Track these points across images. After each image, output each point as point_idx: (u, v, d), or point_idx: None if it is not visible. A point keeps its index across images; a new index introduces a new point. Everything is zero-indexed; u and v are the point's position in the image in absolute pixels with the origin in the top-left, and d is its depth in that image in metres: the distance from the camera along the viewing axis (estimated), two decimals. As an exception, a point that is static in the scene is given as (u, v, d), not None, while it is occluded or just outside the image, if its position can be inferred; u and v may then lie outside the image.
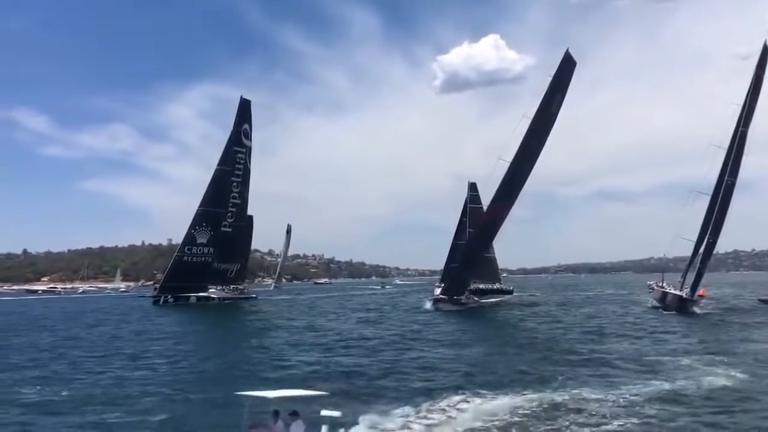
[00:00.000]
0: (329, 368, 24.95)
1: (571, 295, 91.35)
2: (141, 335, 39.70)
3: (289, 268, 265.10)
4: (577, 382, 20.47)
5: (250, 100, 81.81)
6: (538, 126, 54.94)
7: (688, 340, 32.73)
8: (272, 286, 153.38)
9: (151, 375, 23.81)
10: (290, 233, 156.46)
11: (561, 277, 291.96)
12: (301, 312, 60.57)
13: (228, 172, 78.11)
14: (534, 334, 37.75)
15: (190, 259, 75.73)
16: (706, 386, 19.76)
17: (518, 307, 63.73)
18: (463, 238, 78.81)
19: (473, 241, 58.26)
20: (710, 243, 52.48)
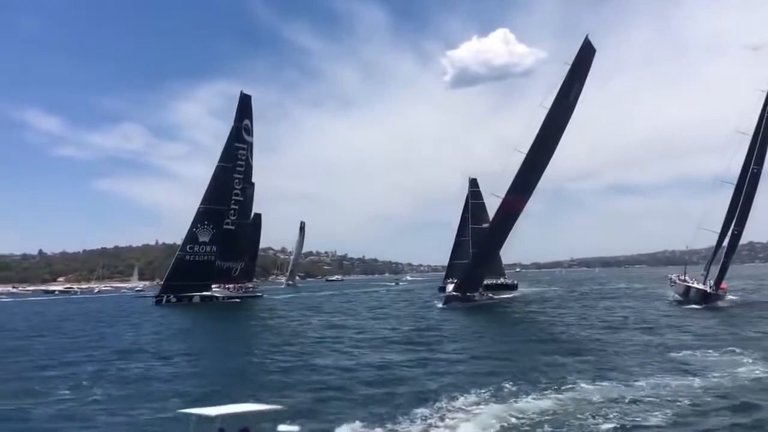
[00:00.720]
0: (308, 374, 21.86)
1: (587, 289, 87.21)
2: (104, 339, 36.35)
3: (303, 266, 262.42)
4: (605, 378, 19.22)
5: (250, 96, 79.10)
6: (555, 116, 51.29)
7: (715, 335, 30.14)
8: (285, 283, 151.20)
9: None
10: (304, 231, 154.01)
11: (574, 272, 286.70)
12: (305, 311, 57.10)
13: (229, 168, 75.21)
14: (554, 330, 35.17)
15: (193, 258, 72.84)
16: (739, 380, 18.74)
17: (534, 303, 60.22)
18: (466, 234, 79.18)
19: (489, 236, 54.30)
20: (735, 234, 48.78)
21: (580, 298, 65.52)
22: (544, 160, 53.12)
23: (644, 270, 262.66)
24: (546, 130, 51.36)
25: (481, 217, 77.15)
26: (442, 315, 47.13)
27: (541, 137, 51.43)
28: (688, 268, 56.44)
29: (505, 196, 52.30)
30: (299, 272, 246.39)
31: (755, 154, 48.30)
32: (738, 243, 49.58)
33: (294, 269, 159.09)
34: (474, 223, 78.00)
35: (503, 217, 52.58)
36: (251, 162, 78.13)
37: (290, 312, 55.72)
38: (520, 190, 52.44)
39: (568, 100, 51.79)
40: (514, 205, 52.62)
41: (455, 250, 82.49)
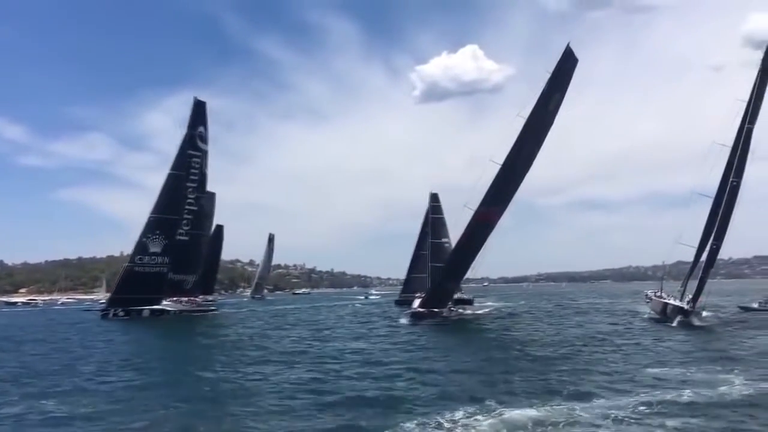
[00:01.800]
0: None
1: (557, 304, 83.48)
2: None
3: (271, 279, 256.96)
4: (585, 395, 18.36)
5: (204, 102, 74.02)
6: (533, 126, 47.32)
7: (694, 352, 28.57)
8: (250, 296, 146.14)
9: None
10: (272, 242, 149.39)
11: (541, 286, 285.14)
12: (257, 326, 52.39)
13: (182, 177, 70.11)
14: (530, 347, 32.30)
15: (142, 270, 67.24)
16: (720, 395, 18.26)
17: (506, 318, 56.10)
18: (425, 248, 79.49)
19: (459, 249, 49.52)
20: (714, 249, 45.15)
21: (552, 314, 61.68)
22: (521, 171, 49.13)
23: (609, 285, 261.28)
24: (523, 140, 47.37)
25: (441, 231, 78.96)
26: (408, 333, 42.27)
27: (519, 147, 47.43)
28: (648, 283, 53.45)
29: (478, 207, 48.11)
30: (267, 285, 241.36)
31: (735, 167, 44.94)
32: (716, 258, 45.89)
33: (261, 282, 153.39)
34: (434, 237, 78.75)
35: (475, 230, 48.18)
36: (206, 171, 73.25)
37: (240, 329, 50.67)
38: (494, 201, 48.22)
39: (547, 109, 47.84)
40: (488, 217, 48.31)
41: (413, 264, 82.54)
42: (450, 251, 73.62)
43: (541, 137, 49.01)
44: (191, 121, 72.01)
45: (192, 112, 72.57)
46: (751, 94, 45.51)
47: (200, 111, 73.25)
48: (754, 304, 60.04)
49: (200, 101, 73.49)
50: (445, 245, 77.89)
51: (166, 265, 68.15)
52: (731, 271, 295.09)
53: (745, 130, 45.09)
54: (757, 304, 59.17)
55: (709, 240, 46.13)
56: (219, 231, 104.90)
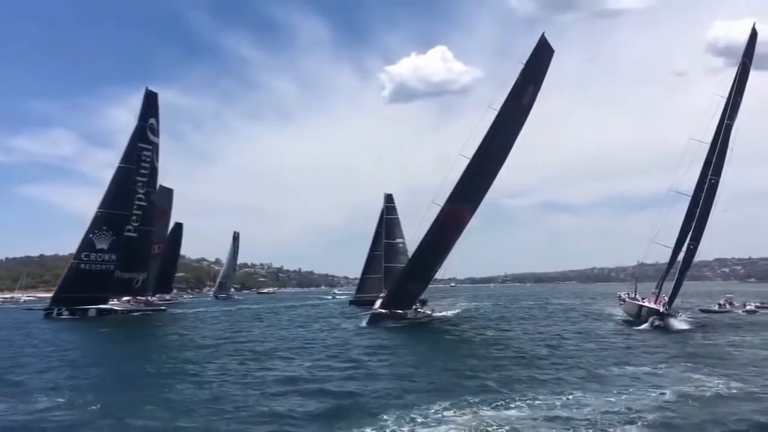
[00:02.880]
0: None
1: (528, 305, 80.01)
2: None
3: (238, 278, 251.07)
4: (567, 399, 17.38)
5: (156, 93, 69.16)
6: (506, 119, 43.67)
7: (676, 356, 26.72)
8: (213, 296, 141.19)
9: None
10: (238, 241, 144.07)
11: (508, 287, 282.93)
12: (207, 328, 47.91)
13: (131, 170, 65.37)
14: (500, 350, 29.85)
15: (89, 267, 62.39)
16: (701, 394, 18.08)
17: (474, 320, 52.28)
18: (379, 249, 79.52)
19: (425, 248, 45.15)
20: (691, 249, 42.16)
21: (524, 316, 58.08)
22: (492, 168, 45.48)
23: (574, 286, 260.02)
24: (494, 134, 43.62)
25: (395, 232, 79.91)
26: (364, 337, 38.04)
27: (489, 142, 43.66)
28: (615, 284, 50.52)
29: (444, 204, 44.19)
30: (234, 284, 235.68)
31: (713, 164, 41.85)
32: (693, 258, 42.78)
33: (226, 281, 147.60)
34: (388, 238, 79.38)
35: (441, 228, 44.22)
36: (157, 165, 68.56)
37: (186, 330, 46.36)
38: (463, 198, 44.38)
39: (520, 103, 44.24)
40: (454, 215, 44.44)
41: (368, 265, 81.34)
42: (404, 251, 77.08)
43: (513, 132, 45.45)
44: (142, 112, 67.37)
45: (143, 103, 67.92)
46: (731, 89, 42.81)
47: (152, 102, 68.56)
48: (713, 306, 61.80)
49: (152, 92, 68.80)
50: (399, 246, 79.18)
51: (113, 263, 63.52)
52: (692, 273, 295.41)
53: (724, 127, 42.26)
54: (717, 306, 61.47)
55: (685, 240, 43.11)
56: (178, 229, 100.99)
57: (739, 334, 36.93)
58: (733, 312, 58.88)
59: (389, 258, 77.87)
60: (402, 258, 73.98)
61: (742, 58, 42.99)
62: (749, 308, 59.84)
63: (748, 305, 60.94)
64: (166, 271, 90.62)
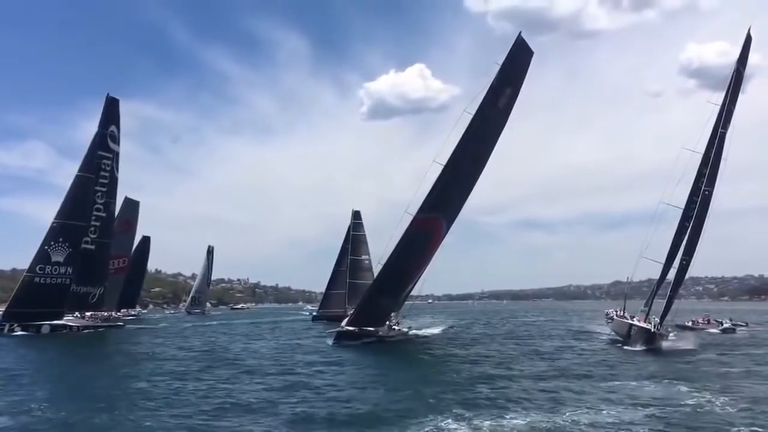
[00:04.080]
0: None
1: (509, 323, 76.62)
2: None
3: (214, 293, 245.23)
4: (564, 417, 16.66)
5: (118, 99, 64.81)
6: (482, 123, 40.26)
7: (670, 377, 24.73)
8: (185, 311, 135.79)
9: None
10: (212, 254, 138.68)
11: (485, 303, 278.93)
12: (156, 345, 43.38)
13: (90, 179, 60.71)
14: (480, 371, 27.28)
15: (43, 281, 57.51)
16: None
17: (455, 339, 47.93)
18: (344, 265, 78.99)
19: (396, 258, 40.98)
20: (684, 264, 38.78)
21: (506, 335, 53.73)
22: (470, 175, 41.94)
23: (552, 303, 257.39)
24: (471, 138, 40.11)
25: (360, 249, 79.69)
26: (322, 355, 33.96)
27: (463, 148, 40.14)
28: (586, 302, 47.11)
29: (416, 214, 40.37)
30: (211, 300, 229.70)
31: (707, 175, 38.58)
32: (686, 274, 39.34)
33: (199, 296, 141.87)
34: (353, 254, 79.12)
35: (412, 239, 40.32)
36: (117, 175, 64.24)
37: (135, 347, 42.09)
38: (437, 207, 40.65)
39: (497, 107, 40.83)
40: (427, 225, 40.70)
41: (332, 280, 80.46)
42: (369, 268, 76.12)
43: (491, 138, 41.97)
44: (102, 119, 62.88)
45: (104, 109, 63.40)
46: (725, 96, 39.94)
47: (113, 109, 64.18)
48: (687, 322, 60.54)
49: (113, 98, 64.39)
50: (364, 262, 78.83)
51: (69, 276, 58.76)
52: (663, 291, 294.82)
53: (718, 135, 39.15)
54: (690, 323, 60.82)
55: (676, 255, 39.70)
56: (145, 242, 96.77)
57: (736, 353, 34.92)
58: (708, 330, 57.48)
59: (354, 274, 77.91)
60: (367, 275, 74.44)
61: (735, 65, 40.24)
62: (726, 326, 58.70)
63: (725, 323, 59.93)
64: (131, 285, 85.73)
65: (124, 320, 73.53)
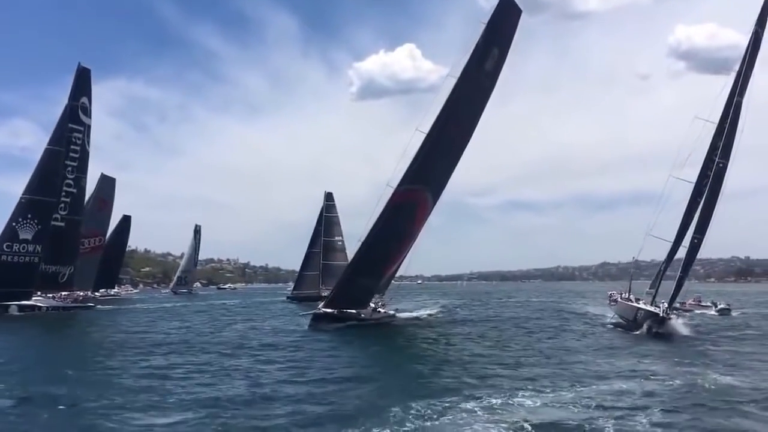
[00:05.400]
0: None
1: (497, 304, 72.19)
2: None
3: (204, 273, 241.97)
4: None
5: (89, 69, 60.41)
6: (468, 86, 36.59)
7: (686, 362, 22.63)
8: (170, 291, 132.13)
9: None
10: (199, 234, 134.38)
11: (475, 284, 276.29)
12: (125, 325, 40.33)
13: (60, 153, 56.63)
14: (475, 358, 24.27)
15: (11, 259, 53.65)
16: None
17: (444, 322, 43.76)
18: (317, 246, 79.09)
19: (377, 234, 37.02)
20: (695, 243, 35.14)
21: (501, 316, 49.60)
22: (455, 143, 38.18)
23: (540, 284, 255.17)
24: (455, 102, 36.47)
25: (333, 230, 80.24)
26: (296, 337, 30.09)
27: (449, 112, 36.47)
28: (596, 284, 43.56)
29: (396, 186, 36.62)
30: (201, 280, 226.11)
31: (721, 146, 34.85)
32: (697, 254, 35.71)
33: (185, 275, 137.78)
34: (326, 236, 79.41)
35: (394, 212, 36.48)
36: (88, 148, 59.96)
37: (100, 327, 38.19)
38: (419, 179, 36.99)
39: (483, 69, 37.13)
40: (409, 197, 36.98)
41: (306, 261, 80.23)
42: (342, 249, 78.14)
43: (477, 102, 38.16)
44: (73, 90, 58.65)
45: (74, 80, 59.13)
46: (742, 61, 35.91)
47: (84, 80, 59.88)
48: (676, 303, 56.54)
49: (84, 68, 60.00)
50: (337, 243, 79.72)
51: (37, 255, 54.87)
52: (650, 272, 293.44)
53: (734, 104, 35.24)
54: (679, 305, 55.43)
55: (685, 233, 36.17)
56: (126, 222, 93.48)
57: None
58: (705, 312, 54.36)
59: (327, 255, 78.60)
60: (340, 255, 76.80)
61: (754, 27, 36.16)
62: (722, 307, 55.78)
63: (719, 304, 56.82)
64: (109, 265, 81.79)
65: (99, 300, 69.99)
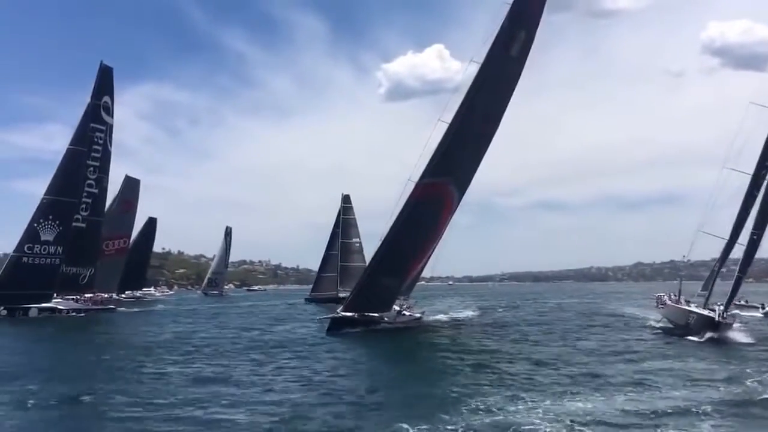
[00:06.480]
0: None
1: (534, 307, 67.41)
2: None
3: (236, 274, 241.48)
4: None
5: (112, 68, 59.04)
6: (492, 71, 33.56)
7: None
8: (202, 292, 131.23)
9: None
10: (230, 236, 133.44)
11: (506, 285, 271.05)
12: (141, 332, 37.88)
13: (82, 153, 55.37)
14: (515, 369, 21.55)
15: (32, 261, 52.37)
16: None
17: (470, 326, 40.70)
18: (335, 248, 79.00)
19: (398, 230, 34.20)
20: (754, 239, 31.40)
21: (538, 321, 45.36)
22: (480, 134, 35.04)
23: (573, 285, 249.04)
24: (479, 89, 33.46)
25: (351, 232, 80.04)
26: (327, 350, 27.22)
27: (472, 99, 33.48)
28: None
29: (419, 180, 33.79)
30: (234, 281, 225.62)
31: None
32: (755, 251, 31.92)
33: (216, 277, 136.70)
34: (344, 237, 79.31)
35: (416, 207, 33.57)
36: (110, 148, 58.58)
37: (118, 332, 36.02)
38: (443, 171, 34.01)
39: (508, 53, 33.85)
40: (433, 191, 34.01)
41: (324, 264, 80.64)
42: (359, 251, 77.63)
43: (503, 89, 34.86)
44: (95, 89, 57.42)
45: (97, 78, 57.89)
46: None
47: (107, 78, 58.62)
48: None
49: (107, 66, 58.77)
50: (355, 245, 79.29)
51: (58, 256, 53.50)
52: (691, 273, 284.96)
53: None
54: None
55: (741, 229, 32.60)
56: (152, 224, 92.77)
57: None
58: (751, 314, 48.91)
59: (345, 257, 78.30)
60: (357, 257, 76.64)
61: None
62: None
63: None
64: (135, 267, 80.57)
65: (123, 303, 68.69)
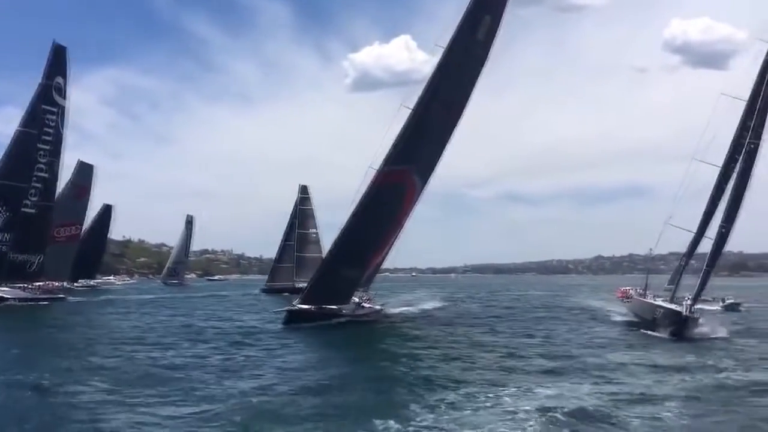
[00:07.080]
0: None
1: (499, 299, 67.16)
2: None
3: (199, 264, 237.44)
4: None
5: (65, 47, 55.88)
6: (457, 56, 32.63)
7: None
8: (162, 282, 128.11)
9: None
10: (192, 224, 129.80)
11: (469, 277, 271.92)
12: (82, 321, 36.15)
13: (33, 136, 52.55)
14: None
15: (-23, 248, 49.83)
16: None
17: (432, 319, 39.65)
18: (292, 239, 79.31)
19: (358, 219, 32.88)
20: (723, 232, 30.70)
21: (503, 314, 45.11)
22: (444, 121, 33.95)
23: (535, 277, 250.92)
24: (443, 74, 32.50)
25: (308, 222, 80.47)
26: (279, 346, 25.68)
27: (437, 84, 32.53)
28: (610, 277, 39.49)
29: (380, 167, 32.57)
30: (195, 270, 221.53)
31: (752, 125, 30.58)
32: (724, 245, 31.33)
33: (176, 266, 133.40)
34: (300, 228, 79.76)
35: (377, 196, 32.32)
36: (62, 131, 55.41)
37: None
38: (405, 158, 32.82)
39: (474, 37, 32.94)
40: (395, 179, 32.92)
41: (280, 254, 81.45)
42: (316, 241, 77.94)
43: (468, 74, 33.83)
44: (47, 69, 54.44)
45: (49, 58, 54.81)
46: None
47: (60, 58, 55.49)
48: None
49: (60, 46, 55.57)
50: (311, 235, 79.71)
51: (6, 243, 51.13)
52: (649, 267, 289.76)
53: (766, 80, 30.81)
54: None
55: (708, 222, 32.13)
56: (107, 211, 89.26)
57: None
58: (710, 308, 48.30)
59: (302, 247, 78.54)
60: (314, 248, 76.89)
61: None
62: (730, 302, 50.27)
63: (727, 300, 50.63)
64: (89, 255, 77.63)
65: (75, 291, 66.33)
